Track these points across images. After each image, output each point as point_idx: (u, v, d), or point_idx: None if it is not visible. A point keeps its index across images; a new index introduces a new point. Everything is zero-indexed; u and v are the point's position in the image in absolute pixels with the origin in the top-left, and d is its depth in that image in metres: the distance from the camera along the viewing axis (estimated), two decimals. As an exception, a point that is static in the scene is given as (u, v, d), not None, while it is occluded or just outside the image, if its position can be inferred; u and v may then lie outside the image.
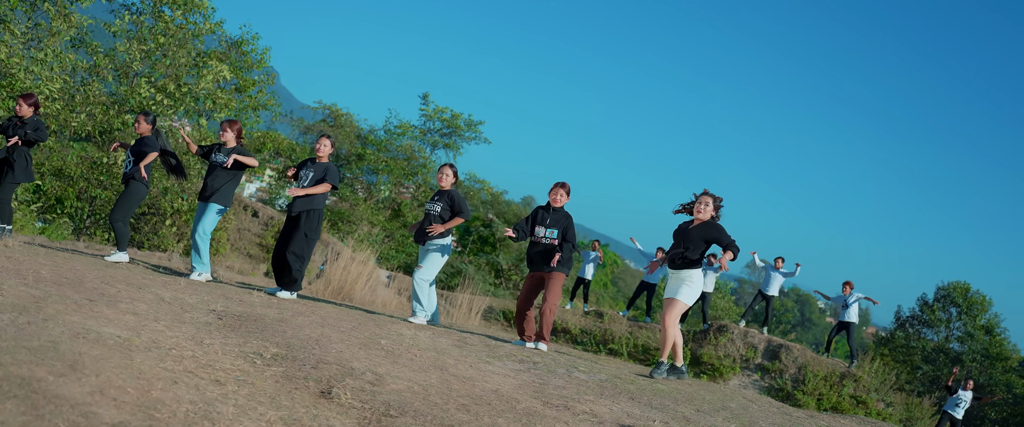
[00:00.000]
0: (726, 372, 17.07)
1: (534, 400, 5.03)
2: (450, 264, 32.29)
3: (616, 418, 4.97)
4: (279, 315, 6.12)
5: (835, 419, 7.69)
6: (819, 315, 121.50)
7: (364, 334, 6.01)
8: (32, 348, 3.66)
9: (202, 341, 4.74)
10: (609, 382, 6.28)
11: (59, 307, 4.67)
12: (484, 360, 6.10)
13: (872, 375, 17.00)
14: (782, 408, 7.34)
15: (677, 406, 5.86)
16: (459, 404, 4.47)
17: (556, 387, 5.60)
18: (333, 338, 5.57)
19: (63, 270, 6.05)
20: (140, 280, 6.47)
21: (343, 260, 14.42)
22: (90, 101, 17.58)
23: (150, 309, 5.29)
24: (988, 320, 36.02)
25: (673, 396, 6.32)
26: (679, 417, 5.45)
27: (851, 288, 16.67)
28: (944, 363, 35.57)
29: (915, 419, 16.97)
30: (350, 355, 5.13)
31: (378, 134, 30.33)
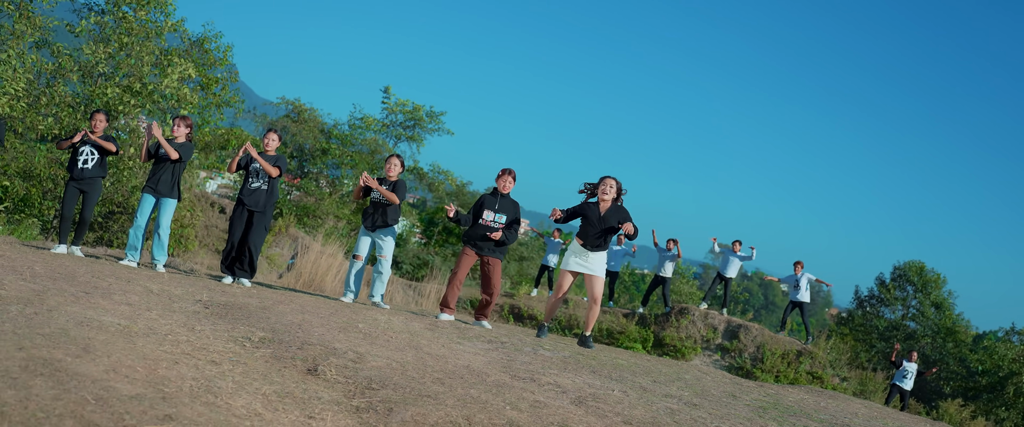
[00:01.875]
0: (688, 353, 17.65)
1: (503, 374, 5.47)
2: (417, 256, 32.63)
3: (578, 388, 5.42)
4: (261, 303, 6.51)
5: (782, 388, 8.22)
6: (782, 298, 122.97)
7: (342, 319, 6.42)
8: (46, 334, 4.04)
9: (193, 328, 5.12)
10: (572, 358, 6.74)
11: (59, 299, 5.03)
12: (455, 341, 6.53)
13: (827, 351, 17.67)
14: (733, 379, 7.86)
15: (635, 378, 6.33)
16: (434, 378, 4.90)
17: (523, 363, 6.04)
18: (314, 323, 5.97)
19: (54, 266, 6.39)
20: (127, 274, 6.83)
21: (312, 254, 14.78)
22: (55, 102, 17.69)
23: (141, 300, 5.66)
24: (939, 297, 36.98)
25: (632, 369, 6.80)
26: (636, 387, 5.92)
27: (802, 268, 17.28)
28: (899, 340, 36.52)
29: (869, 392, 17.65)
30: (331, 337, 5.54)
31: (342, 128, 30.55)
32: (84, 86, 18.58)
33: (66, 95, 18.17)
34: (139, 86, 18.02)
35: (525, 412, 4.46)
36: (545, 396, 4.99)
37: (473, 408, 4.33)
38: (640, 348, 17.64)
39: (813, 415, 6.23)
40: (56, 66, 18.16)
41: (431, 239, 36.46)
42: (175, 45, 20.29)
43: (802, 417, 6.03)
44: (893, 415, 7.67)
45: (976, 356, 31.95)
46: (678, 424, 4.90)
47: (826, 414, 6.47)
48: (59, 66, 18.13)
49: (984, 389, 29.61)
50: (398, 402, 4.19)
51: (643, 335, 18.00)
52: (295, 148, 30.32)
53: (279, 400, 3.92)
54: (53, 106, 17.66)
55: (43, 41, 18.18)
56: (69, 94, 18.32)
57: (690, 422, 5.03)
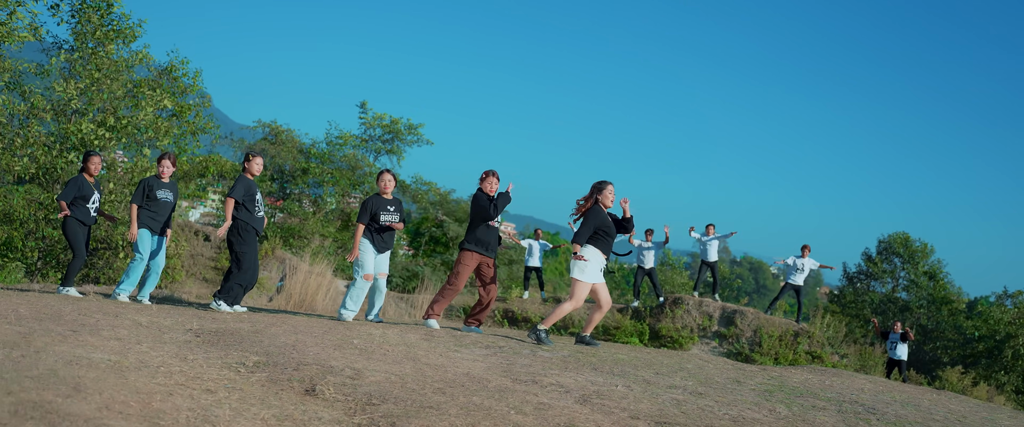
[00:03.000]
0: (685, 342, 17.59)
1: (504, 378, 5.39)
2: (406, 268, 32.49)
3: (581, 386, 5.35)
4: (253, 327, 6.41)
5: (785, 370, 8.17)
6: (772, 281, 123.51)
7: (336, 337, 6.32)
8: (34, 377, 3.93)
9: (186, 357, 5.02)
10: (572, 357, 6.67)
11: (46, 340, 4.92)
12: (453, 349, 6.44)
13: (824, 330, 17.66)
14: (735, 365, 7.80)
15: (637, 371, 6.27)
16: (435, 388, 4.81)
17: (523, 366, 5.97)
18: (308, 343, 5.88)
19: (39, 307, 6.27)
20: (114, 309, 6.71)
21: (301, 274, 14.67)
22: (30, 143, 17.51)
23: (131, 334, 5.55)
24: (931, 266, 37.14)
25: (633, 363, 6.73)
26: (639, 380, 5.86)
27: (809, 252, 17.26)
28: (893, 312, 36.63)
29: (869, 367, 17.66)
30: (327, 356, 5.45)
31: (320, 147, 30.39)
32: (58, 124, 18.40)
33: (41, 135, 17.98)
34: (113, 120, 17.86)
35: (530, 415, 4.38)
36: (549, 397, 4.91)
37: (477, 416, 4.25)
38: (637, 342, 17.58)
39: (820, 394, 6.18)
40: (28, 107, 17.98)
41: (419, 250, 36.34)
42: (143, 76, 20.12)
43: (809, 397, 5.98)
44: (898, 388, 7.63)
45: (971, 323, 32.07)
46: (685, 414, 4.84)
47: (833, 392, 6.42)
48: (32, 106, 17.94)
49: (982, 354, 29.73)
50: (400, 416, 4.10)
51: (639, 328, 17.94)
52: (275, 170, 30.15)
53: (278, 424, 3.83)
54: (28, 147, 17.47)
55: (13, 83, 17.99)
56: (44, 134, 18.14)
57: (697, 411, 4.96)
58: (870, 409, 5.75)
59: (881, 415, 5.56)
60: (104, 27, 18.26)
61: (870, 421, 5.31)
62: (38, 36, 17.92)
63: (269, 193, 30.26)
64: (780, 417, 5.10)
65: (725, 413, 5.02)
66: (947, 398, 7.23)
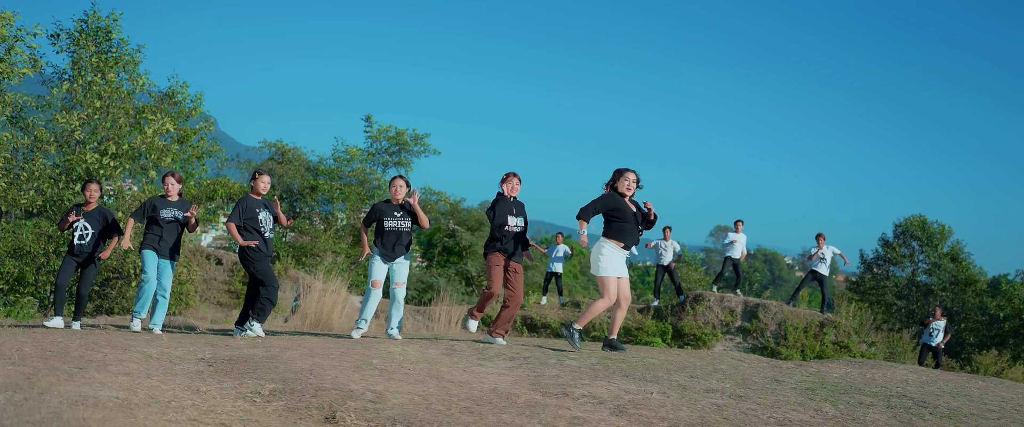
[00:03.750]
0: (708, 339, 17.29)
1: (533, 392, 5.13)
2: (420, 280, 32.23)
3: (614, 396, 5.08)
4: (267, 353, 6.16)
5: (822, 365, 7.88)
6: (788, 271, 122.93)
7: (354, 357, 6.07)
8: (36, 421, 3.69)
9: (198, 389, 4.77)
10: (601, 364, 6.40)
11: (51, 379, 4.68)
12: (476, 363, 6.18)
13: (850, 319, 17.33)
14: (771, 363, 7.51)
15: (671, 376, 5.99)
16: (461, 407, 4.55)
17: (551, 377, 5.70)
18: (325, 366, 5.62)
19: (45, 344, 6.04)
20: (123, 342, 6.47)
21: (315, 292, 14.43)
22: (36, 176, 17.34)
23: (140, 367, 5.31)
24: (952, 247, 36.72)
25: (665, 368, 6.45)
26: (674, 386, 5.58)
27: (824, 241, 16.97)
28: (916, 297, 36.22)
29: (898, 354, 17.32)
30: (346, 379, 5.19)
31: (327, 163, 30.18)
32: (62, 156, 18.23)
33: (46, 167, 17.81)
34: (115, 148, 17.67)
35: (566, 432, 4.12)
36: (582, 410, 4.64)
37: (509, 436, 3.98)
38: (660, 341, 17.29)
39: (865, 389, 5.89)
40: (32, 140, 17.81)
41: (432, 261, 36.10)
42: (145, 102, 19.95)
43: (854, 393, 5.69)
44: (943, 377, 7.34)
45: (996, 302, 31.63)
46: (728, 420, 4.56)
47: (877, 386, 6.13)
48: (35, 139, 17.78)
49: (1009, 334, 29.31)
50: (428, 441, 3.84)
51: (661, 328, 17.65)
52: (284, 189, 29.97)
53: (299, 458, 3.57)
54: (33, 180, 17.31)
55: (16, 117, 17.83)
56: (48, 166, 17.96)
57: (740, 416, 4.68)
58: (920, 402, 5.46)
59: (933, 408, 5.27)
60: (104, 54, 18.08)
61: (923, 415, 5.02)
62: (38, 68, 17.75)
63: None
64: (827, 417, 4.82)
65: (769, 416, 4.74)
66: (995, 385, 6.93)
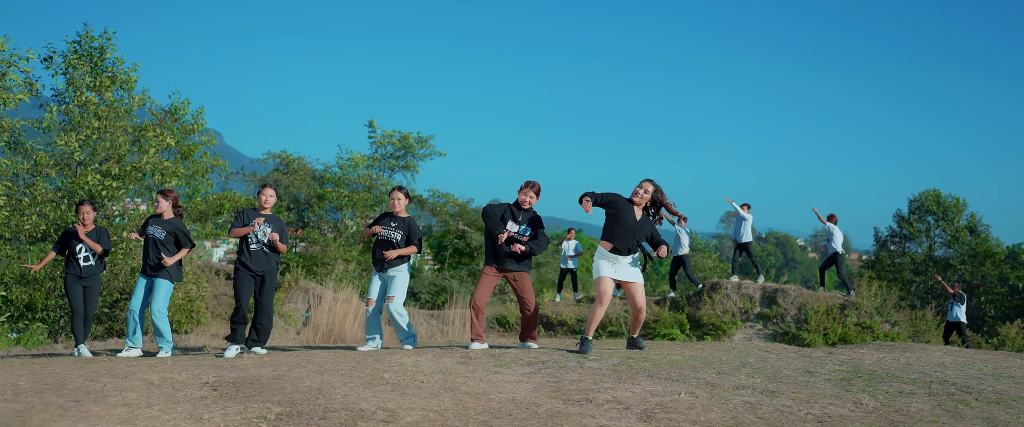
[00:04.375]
0: (728, 328, 16.98)
1: (554, 400, 4.85)
2: (433, 283, 31.97)
3: (640, 400, 4.80)
4: (274, 372, 5.90)
5: (852, 351, 7.58)
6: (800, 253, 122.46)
7: (365, 372, 5.80)
8: (23, 466, 3.43)
9: (201, 418, 4.51)
10: (623, 365, 6.12)
11: (45, 416, 4.43)
12: (492, 371, 5.91)
13: (871, 299, 17.00)
14: (800, 352, 7.22)
15: (697, 373, 5.71)
16: (479, 422, 4.28)
17: (572, 382, 5.42)
18: (334, 383, 5.35)
19: (42, 377, 5.79)
20: (124, 369, 6.22)
21: (326, 302, 14.19)
22: (38, 201, 17.14)
23: (140, 397, 5.05)
24: (969, 220, 36.29)
25: (690, 364, 6.17)
26: (702, 384, 5.30)
27: (835, 221, 16.71)
28: (934, 272, 35.82)
29: (921, 332, 16.97)
30: (356, 397, 4.92)
31: (333, 171, 29.95)
32: (64, 179, 18.03)
33: (47, 191, 17.61)
34: (118, 169, 17.47)
35: (592, 444, 3.84)
36: (608, 418, 4.37)
37: (532, 452, 3.71)
38: (678, 332, 16.99)
39: (902, 376, 5.60)
40: (32, 164, 17.61)
41: (444, 263, 35.85)
42: (147, 119, 19.75)
43: (891, 381, 5.40)
44: (982, 357, 7.03)
45: (1016, 273, 31.22)
46: (763, 419, 4.28)
47: (914, 372, 5.83)
48: (35, 164, 17.58)
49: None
50: (445, 463, 3.57)
51: (678, 319, 17.33)
52: (290, 200, 29.75)
53: (306, 491, 3.30)
54: (36, 205, 17.11)
55: (14, 143, 17.63)
56: (50, 190, 17.76)
57: (776, 414, 4.40)
58: (963, 388, 5.17)
59: (978, 393, 4.97)
60: (100, 74, 17.88)
61: (968, 402, 4.73)
62: (34, 91, 17.55)
63: (288, 224, 29.87)
64: (868, 410, 4.53)
65: (806, 412, 4.46)
66: (1036, 363, 6.63)
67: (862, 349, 7.72)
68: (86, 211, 8.97)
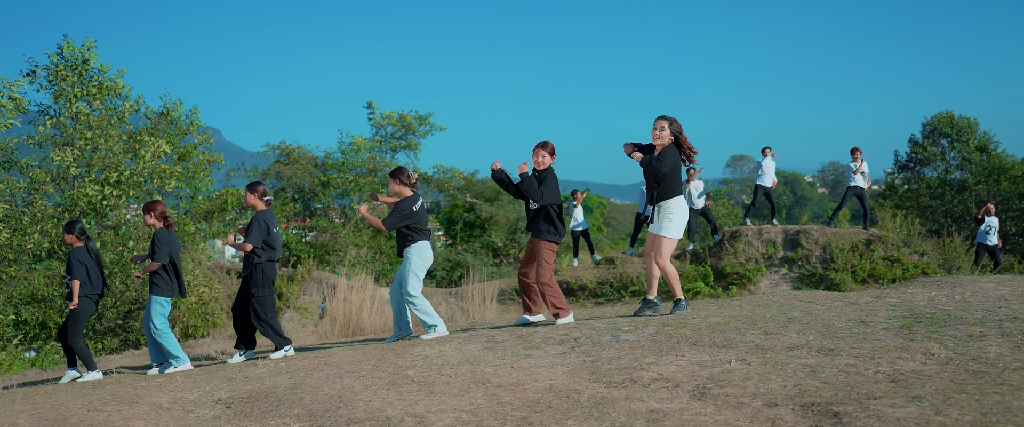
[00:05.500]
0: (753, 275, 16.56)
1: (595, 383, 4.44)
2: (447, 259, 31.61)
3: (689, 374, 4.39)
4: (291, 381, 5.50)
5: (899, 291, 7.16)
6: (810, 189, 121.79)
7: (388, 371, 5.40)
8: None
9: (214, 443, 4.12)
10: (661, 334, 5.70)
11: (44, 460, 4.05)
12: (523, 355, 5.50)
13: (896, 231, 16.56)
14: (845, 299, 6.80)
15: (743, 336, 5.29)
16: (518, 419, 3.87)
17: (610, 360, 5.01)
18: (356, 388, 4.95)
19: (43, 411, 5.41)
20: (131, 393, 5.83)
21: (341, 292, 13.81)
22: (38, 218, 16.80)
23: (148, 424, 4.66)
24: (980, 140, 35.68)
25: (733, 326, 5.75)
26: (752, 348, 4.89)
27: (860, 154, 16.27)
28: (952, 195, 35.28)
29: (951, 259, 16.51)
30: (380, 401, 4.52)
31: (335, 157, 29.53)
32: (62, 193, 17.67)
33: (47, 208, 17.26)
34: (116, 177, 17.09)
35: (647, 435, 3.44)
36: (658, 400, 3.96)
37: (582, 452, 3.31)
38: (702, 285, 16.59)
39: (966, 316, 5.18)
40: (28, 182, 17.26)
41: (456, 238, 35.50)
42: (141, 125, 19.38)
43: (955, 324, 4.98)
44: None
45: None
46: (830, 385, 3.86)
47: (976, 310, 5.41)
48: (32, 181, 17.22)
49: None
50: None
51: (701, 271, 16.92)
52: (295, 190, 29.37)
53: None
54: (36, 222, 16.76)
55: (9, 162, 17.26)
56: (50, 206, 17.41)
57: (842, 377, 3.98)
58: (1036, 323, 4.75)
59: (1056, 329, 4.55)
60: (87, 83, 17.47)
61: (1049, 340, 4.31)
62: (21, 108, 17.14)
63: (295, 214, 29.51)
64: (942, 361, 4.12)
65: (875, 371, 4.04)
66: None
67: (909, 288, 7.29)
68: (66, 238, 8.46)
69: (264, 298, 8.03)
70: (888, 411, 3.29)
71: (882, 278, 15.39)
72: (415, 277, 7.69)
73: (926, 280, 8.10)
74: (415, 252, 7.75)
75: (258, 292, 8.00)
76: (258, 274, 7.99)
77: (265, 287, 8.06)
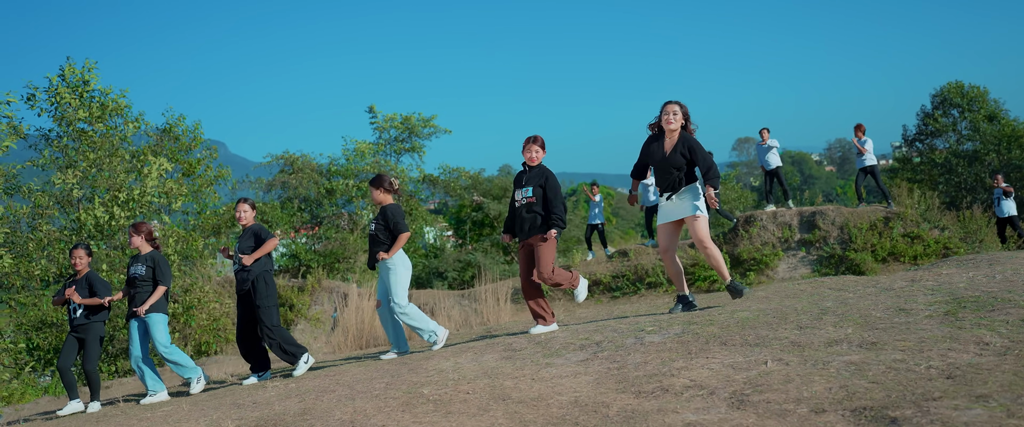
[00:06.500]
0: (770, 260, 16.22)
1: (623, 394, 4.15)
2: (458, 259, 31.36)
3: (724, 378, 4.09)
4: (301, 405, 5.21)
5: (933, 273, 6.84)
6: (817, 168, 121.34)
7: (402, 390, 5.11)
8: None
9: (220, 481, 3.84)
10: (688, 333, 5.40)
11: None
12: (543, 364, 5.21)
13: (914, 206, 16.22)
14: (877, 284, 6.49)
15: (775, 332, 4.99)
16: (544, 441, 3.58)
17: (636, 365, 4.72)
18: (369, 411, 4.66)
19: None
20: (135, 425, 5.56)
21: (352, 301, 13.56)
22: (44, 243, 16.60)
23: (151, 462, 4.39)
24: (990, 109, 35.24)
25: (763, 321, 5.45)
26: (787, 345, 4.58)
27: (864, 131, 15.94)
28: (963, 167, 34.86)
29: (972, 233, 16.16)
30: (395, 425, 4.24)
31: (339, 163, 29.31)
32: (67, 216, 17.48)
33: (53, 232, 17.06)
34: (124, 196, 16.87)
35: (687, 454, 3.14)
36: (693, 410, 3.66)
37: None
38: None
39: (1013, 299, 4.86)
40: (32, 207, 17.06)
41: (465, 238, 35.25)
42: (143, 143, 19.21)
43: (1004, 307, 4.67)
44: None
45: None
46: (881, 385, 3.55)
47: (1022, 291, 5.10)
48: (35, 206, 17.03)
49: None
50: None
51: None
52: (301, 200, 29.15)
53: None
54: (42, 248, 16.57)
55: (11, 188, 17.08)
56: (55, 230, 17.21)
57: (891, 375, 3.68)
58: (1092, 303, 4.44)
59: (1115, 308, 4.24)
60: (89, 104, 17.27)
61: (1110, 322, 4.00)
62: (21, 134, 16.95)
63: (303, 223, 29.29)
64: (999, 352, 3.81)
65: (927, 366, 3.74)
66: None
67: (944, 269, 6.98)
68: (78, 255, 8.29)
69: (274, 309, 7.80)
70: (952, 415, 2.99)
71: (903, 256, 15.06)
72: (402, 288, 7.46)
73: (959, 259, 7.78)
74: (399, 261, 7.50)
75: (265, 304, 7.75)
76: (261, 285, 7.75)
77: (274, 297, 7.83)
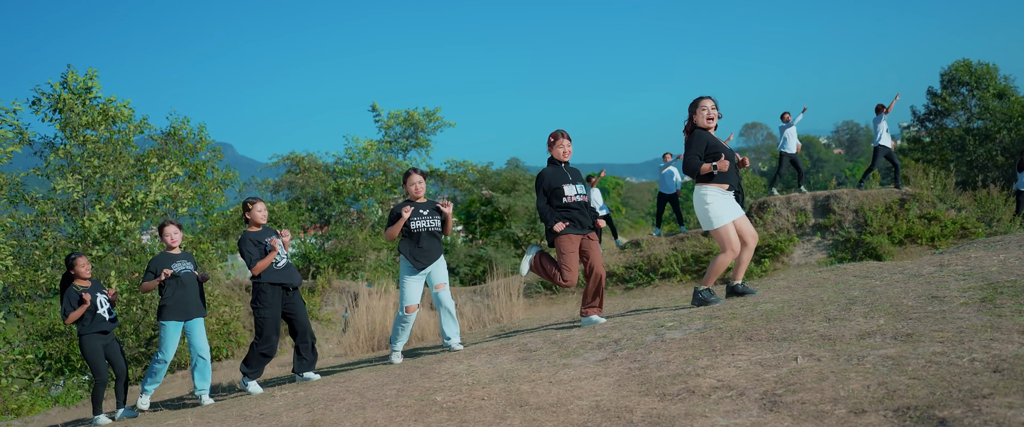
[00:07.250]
0: (785, 246, 15.98)
1: (646, 397, 3.93)
2: (469, 254, 31.14)
3: (752, 378, 3.87)
4: (309, 415, 5.01)
5: (964, 257, 6.60)
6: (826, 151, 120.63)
7: (414, 397, 4.90)
8: None
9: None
10: (710, 328, 5.17)
11: None
12: (560, 365, 5.00)
13: (929, 187, 15.95)
14: (903, 270, 6.25)
15: (803, 325, 4.76)
16: (565, 451, 3.37)
17: (659, 365, 4.50)
18: (380, 421, 4.45)
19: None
20: (140, 441, 5.37)
21: (363, 300, 13.38)
22: (50, 252, 16.46)
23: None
24: (999, 86, 34.84)
25: (789, 313, 5.22)
26: (817, 340, 4.36)
27: (882, 110, 15.70)
28: (974, 146, 34.48)
29: (990, 212, 15.90)
30: (408, 437, 4.03)
31: (344, 162, 29.10)
32: (73, 224, 17.33)
33: (59, 240, 16.93)
34: (129, 201, 16.71)
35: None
36: (722, 413, 3.44)
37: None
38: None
39: (1053, 284, 4.63)
40: (36, 215, 16.92)
41: (475, 233, 35.02)
42: (148, 147, 19.06)
43: (1045, 293, 4.43)
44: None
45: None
46: (924, 381, 3.33)
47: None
48: (39, 214, 16.89)
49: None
50: None
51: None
52: (308, 200, 28.96)
53: None
54: (48, 256, 16.43)
55: (16, 196, 16.95)
56: (61, 237, 17.08)
57: (933, 370, 3.45)
58: None
59: None
60: (93, 109, 17.13)
61: None
62: (26, 140, 16.82)
63: (311, 223, 29.10)
64: (1046, 341, 3.58)
65: (970, 359, 3.51)
66: None
67: (973, 252, 6.74)
68: (81, 264, 8.06)
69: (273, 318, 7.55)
70: (1006, 414, 2.77)
71: (920, 238, 14.82)
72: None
73: (986, 242, 7.54)
74: None
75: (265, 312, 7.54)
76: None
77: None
